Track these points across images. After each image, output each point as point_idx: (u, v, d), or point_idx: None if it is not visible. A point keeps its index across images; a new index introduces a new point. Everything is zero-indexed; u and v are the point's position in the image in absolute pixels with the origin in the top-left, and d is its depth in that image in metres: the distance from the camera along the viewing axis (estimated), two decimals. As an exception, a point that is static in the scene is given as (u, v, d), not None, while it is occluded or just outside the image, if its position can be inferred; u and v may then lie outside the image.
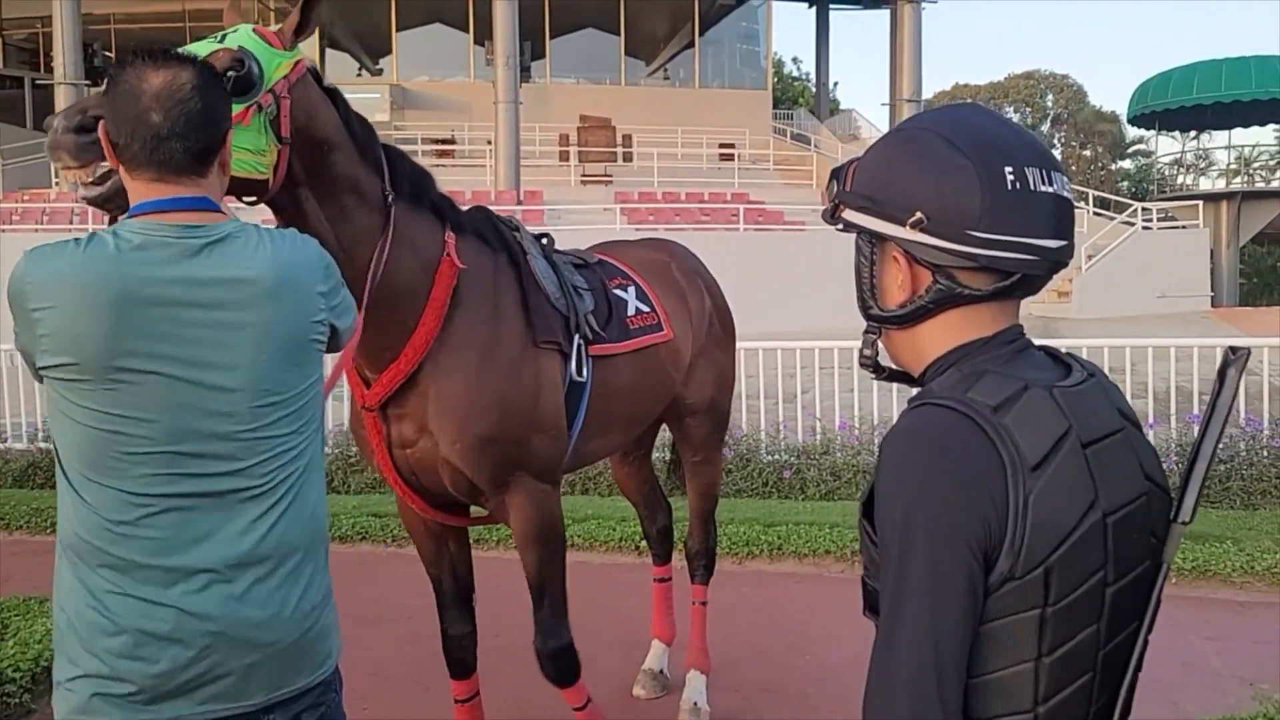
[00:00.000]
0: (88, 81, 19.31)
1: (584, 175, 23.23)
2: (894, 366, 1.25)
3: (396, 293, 2.52)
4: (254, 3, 26.63)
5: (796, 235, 20.12)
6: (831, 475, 6.65)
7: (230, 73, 2.07)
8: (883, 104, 27.08)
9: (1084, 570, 1.04)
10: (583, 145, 23.47)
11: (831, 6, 31.19)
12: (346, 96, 2.56)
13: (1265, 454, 6.20)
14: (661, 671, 3.91)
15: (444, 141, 24.18)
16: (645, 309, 3.21)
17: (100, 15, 26.29)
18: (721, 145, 25.28)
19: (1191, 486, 1.08)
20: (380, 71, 27.15)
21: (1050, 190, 1.11)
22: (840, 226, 1.22)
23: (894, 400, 7.25)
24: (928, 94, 28.62)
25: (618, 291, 3.16)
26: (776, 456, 6.93)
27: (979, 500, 1.00)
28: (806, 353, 7.47)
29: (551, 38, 26.63)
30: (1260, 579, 4.89)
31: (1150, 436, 6.56)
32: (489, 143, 22.22)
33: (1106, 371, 1.35)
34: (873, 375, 1.29)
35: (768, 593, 5.09)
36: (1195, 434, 1.14)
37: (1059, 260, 1.15)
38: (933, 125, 1.15)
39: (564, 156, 23.32)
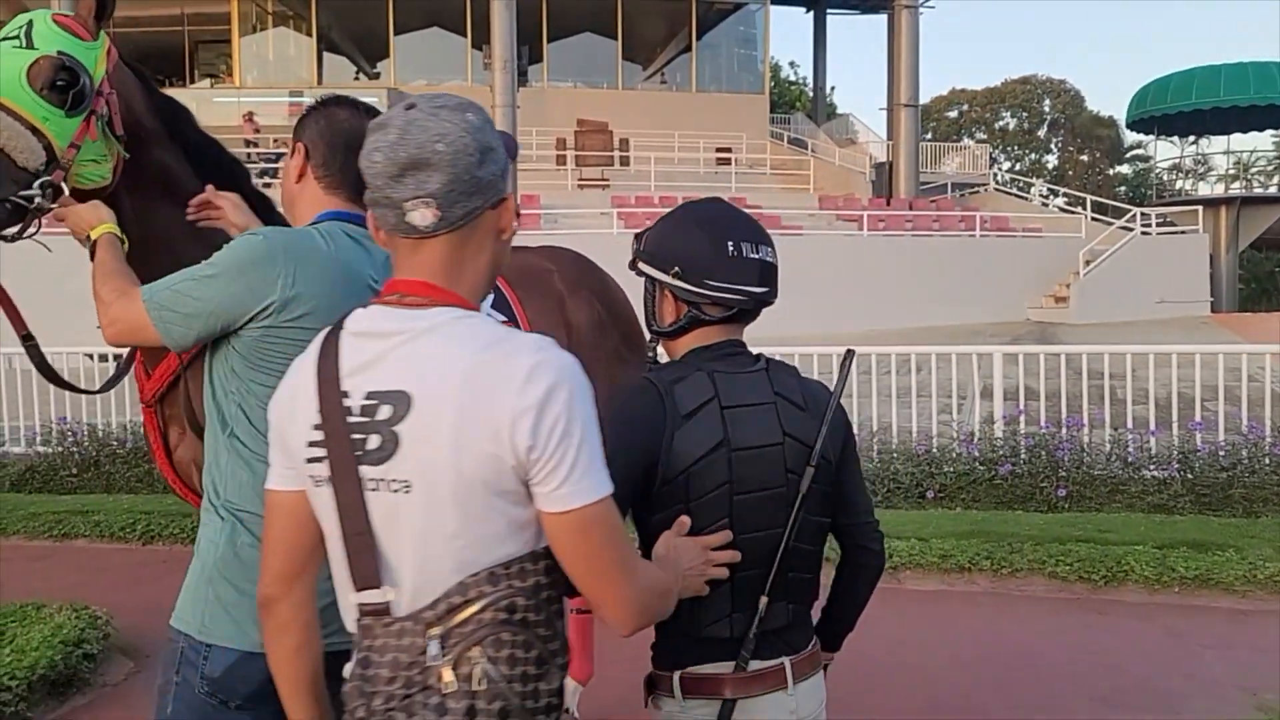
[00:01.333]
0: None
1: (581, 179, 23.24)
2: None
3: None
4: (252, 5, 26.65)
5: (793, 239, 20.11)
6: (831, 482, 6.63)
7: (60, 84, 2.02)
8: (880, 108, 27.18)
9: (712, 482, 1.62)
10: (580, 149, 23.48)
11: (829, 11, 31.22)
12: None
13: (1267, 461, 6.18)
14: (569, 711, 3.62)
15: (442, 145, 24.17)
16: (501, 318, 3.04)
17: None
18: (719, 149, 25.29)
19: (820, 439, 1.70)
20: (378, 75, 27.15)
21: (757, 256, 1.74)
22: (639, 274, 1.81)
23: (893, 407, 7.24)
24: (924, 98, 28.73)
25: None
26: (776, 463, 6.91)
27: (647, 432, 1.61)
28: (804, 358, 7.44)
29: (549, 41, 26.64)
30: (1262, 587, 4.87)
31: (1151, 444, 6.55)
32: (488, 147, 22.21)
33: (1107, 377, 1.94)
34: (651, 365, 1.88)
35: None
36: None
37: (764, 300, 1.76)
38: (690, 212, 1.78)
39: (561, 160, 23.33)
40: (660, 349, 1.88)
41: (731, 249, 1.70)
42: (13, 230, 2.05)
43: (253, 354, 1.74)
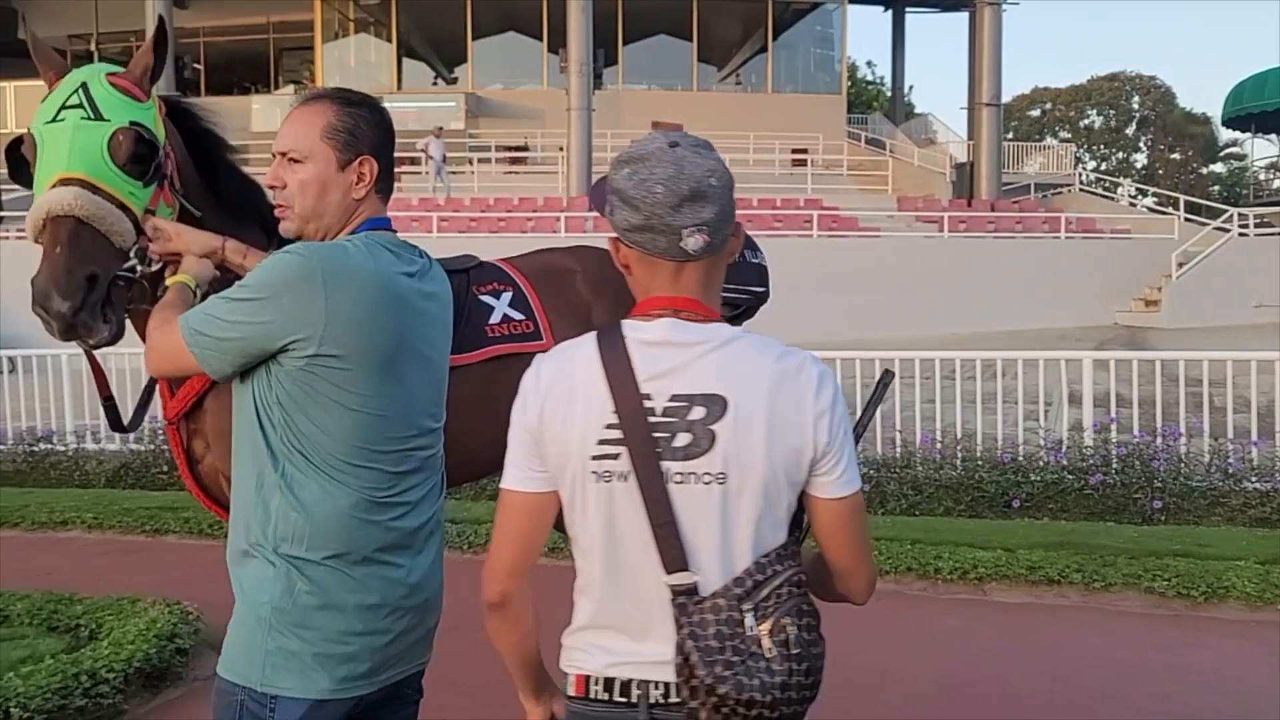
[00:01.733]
0: (179, 93, 19.93)
1: (656, 182, 23.18)
2: None
3: None
4: (335, 13, 27.23)
5: (872, 242, 19.86)
6: (913, 489, 6.50)
7: (138, 156, 2.03)
8: (961, 107, 26.64)
9: None
10: (655, 151, 23.43)
11: (908, 9, 30.76)
12: (423, 105, 2.52)
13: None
14: None
15: (517, 149, 24.41)
16: (519, 316, 2.99)
17: (190, 29, 27.12)
18: (794, 151, 25.08)
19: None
20: (455, 80, 27.54)
21: (756, 261, 2.11)
22: None
23: (977, 413, 7.06)
24: (1006, 97, 28.09)
25: (484, 298, 2.98)
26: (855, 469, 6.79)
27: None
28: (886, 363, 7.31)
29: (624, 44, 26.72)
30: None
31: (1253, 454, 6.29)
32: (561, 149, 22.37)
33: (1206, 384, 2.02)
34: None
35: (845, 609, 4.96)
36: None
37: (763, 299, 2.16)
38: None
39: (636, 163, 23.29)
40: None
41: (736, 255, 1.83)
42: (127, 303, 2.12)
43: (301, 386, 1.65)
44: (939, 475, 6.54)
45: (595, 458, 1.41)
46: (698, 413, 1.39)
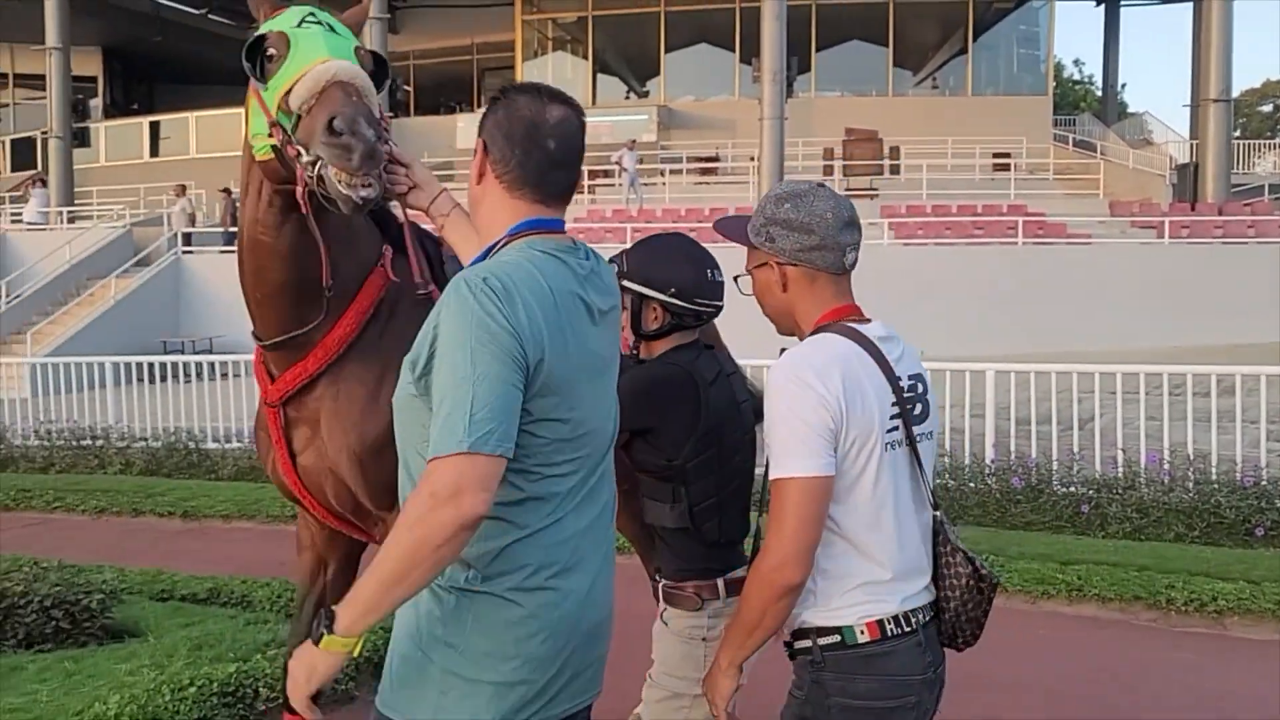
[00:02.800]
0: (392, 114, 21.20)
1: (848, 189, 22.79)
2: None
3: (319, 288, 2.38)
4: (535, 32, 28.22)
5: (1083, 249, 18.76)
6: (1137, 512, 6.05)
7: (378, 75, 2.11)
8: (1184, 105, 24.84)
9: (738, 430, 2.34)
10: (847, 159, 23.07)
11: (1123, 4, 28.95)
12: (616, 119, 2.57)
13: None
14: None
15: (708, 159, 24.53)
16: None
17: (401, 53, 28.80)
18: (995, 155, 24.03)
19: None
20: (647, 93, 27.99)
21: (720, 280, 2.36)
22: (624, 290, 2.28)
23: (1212, 433, 6.51)
24: (1235, 91, 25.91)
25: None
26: (1072, 489, 6.39)
27: (688, 399, 2.26)
28: (1107, 377, 6.86)
29: (817, 51, 26.40)
30: None
31: None
32: (752, 159, 22.31)
33: None
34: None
35: (1065, 637, 4.68)
36: None
37: (720, 309, 2.40)
38: (674, 247, 2.42)
39: (828, 171, 23.01)
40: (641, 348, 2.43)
41: (709, 275, 2.36)
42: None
43: None
44: (1168, 498, 6.07)
45: (888, 430, 1.77)
46: (920, 387, 1.86)
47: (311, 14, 2.15)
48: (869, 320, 1.85)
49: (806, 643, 1.80)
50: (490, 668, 1.56)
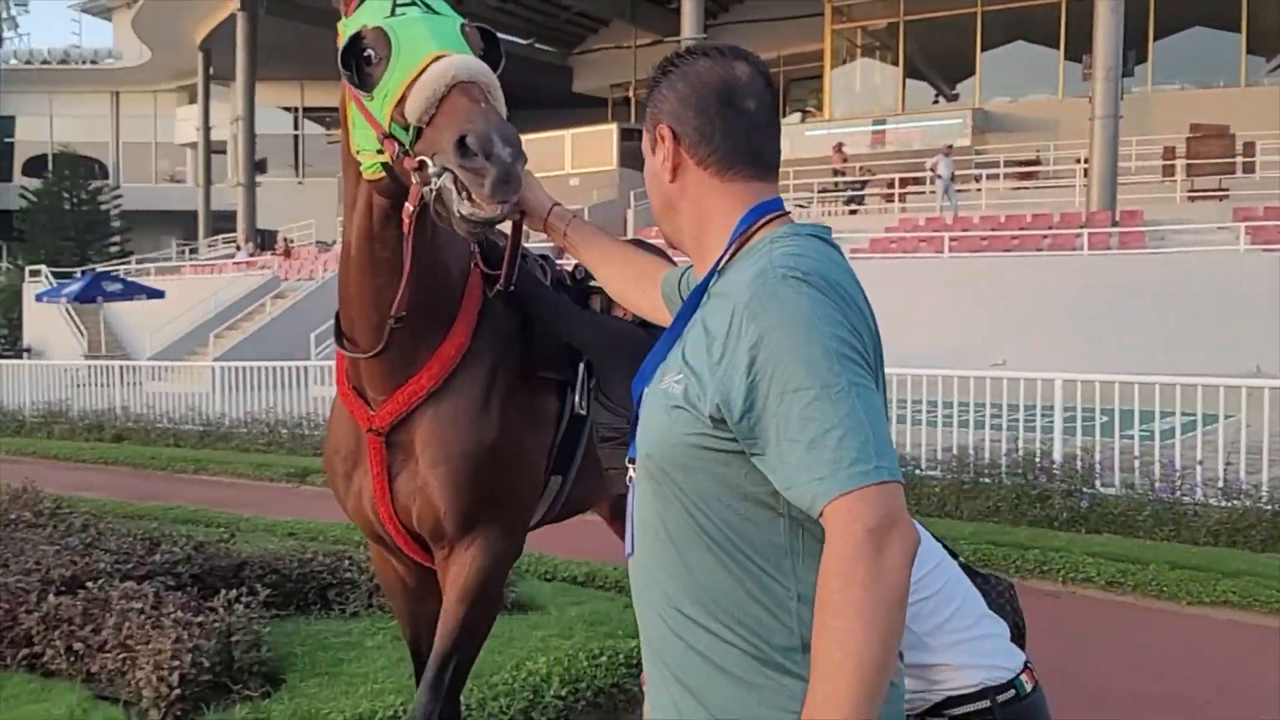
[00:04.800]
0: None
1: (1192, 190, 20.84)
2: None
3: (432, 300, 2.23)
4: (844, 40, 28.06)
5: None
6: None
7: (490, 54, 1.92)
8: None
9: None
10: (1191, 157, 21.07)
11: None
12: (927, 124, 2.45)
13: None
14: None
15: (1028, 163, 23.32)
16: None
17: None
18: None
19: None
20: (956, 96, 27.03)
21: None
22: None
23: None
24: None
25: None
26: None
27: None
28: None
29: (1155, 40, 24.34)
30: None
31: None
32: (1079, 161, 20.96)
33: None
34: None
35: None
36: None
37: None
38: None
39: (1168, 171, 21.15)
40: None
41: None
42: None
43: None
44: None
45: None
46: None
47: None
48: None
49: (982, 703, 1.74)
50: None
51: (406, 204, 1.89)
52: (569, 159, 27.95)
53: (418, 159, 1.81)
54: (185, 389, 14.05)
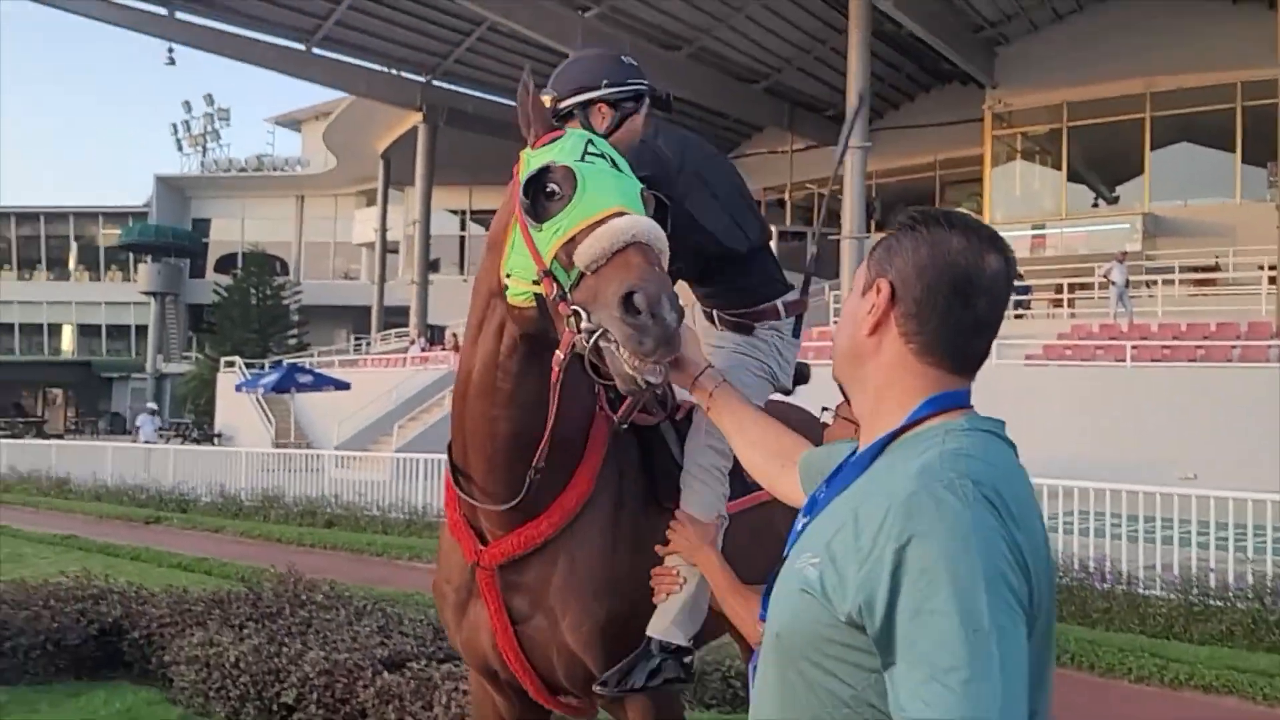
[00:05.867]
0: (865, 234, 22.30)
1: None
2: None
3: (557, 443, 2.13)
4: (1004, 146, 28.11)
5: None
6: None
7: (659, 219, 1.90)
8: None
9: None
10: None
11: None
12: (1092, 229, 2.44)
13: None
14: None
15: (1205, 269, 22.67)
16: None
17: (867, 172, 30.08)
18: None
19: None
20: (1116, 199, 26.60)
21: None
22: None
23: None
24: None
25: None
26: None
27: None
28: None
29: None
30: None
31: None
32: (1262, 268, 20.28)
33: None
34: None
35: None
36: None
37: None
38: None
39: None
40: None
41: None
42: None
43: None
44: None
45: None
46: None
47: (591, 142, 1.97)
48: None
49: None
50: None
51: (557, 352, 1.87)
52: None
53: (574, 306, 1.78)
54: (367, 477, 14.87)
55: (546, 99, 2.37)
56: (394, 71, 29.42)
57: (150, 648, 5.46)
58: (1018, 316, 22.43)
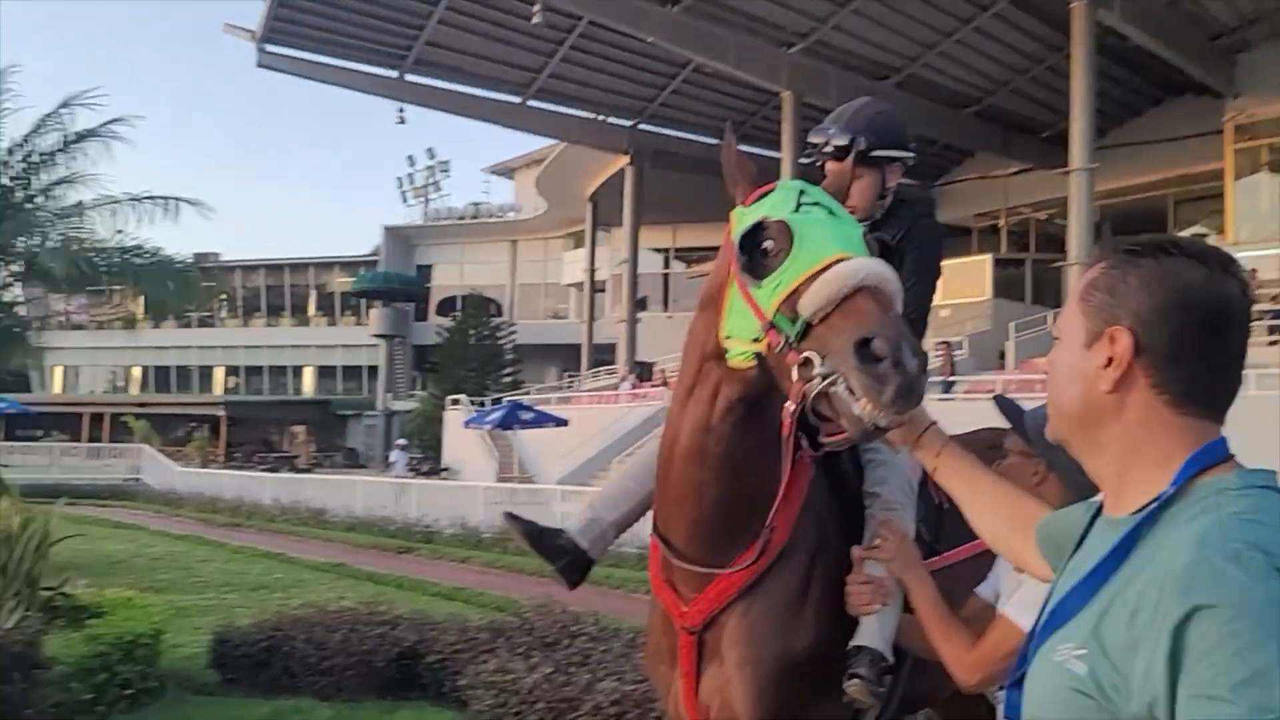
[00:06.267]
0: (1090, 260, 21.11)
1: None
2: None
3: (761, 497, 2.09)
4: (1248, 159, 26.11)
5: None
6: None
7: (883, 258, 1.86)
8: None
9: None
10: None
11: None
12: None
13: None
14: None
15: None
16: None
17: (1096, 192, 28.58)
18: None
19: None
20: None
21: None
22: None
23: None
24: None
25: None
26: None
27: None
28: None
29: None
30: None
31: None
32: None
33: None
34: None
35: None
36: None
37: None
38: None
39: None
40: None
41: None
42: None
43: None
44: None
45: None
46: None
47: (804, 192, 1.91)
48: None
49: None
50: None
51: (788, 404, 1.79)
52: (939, 290, 27.69)
53: (803, 355, 1.72)
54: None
55: (843, 139, 2.50)
56: (602, 118, 30.54)
57: (444, 671, 5.89)
58: (1272, 343, 20.63)
